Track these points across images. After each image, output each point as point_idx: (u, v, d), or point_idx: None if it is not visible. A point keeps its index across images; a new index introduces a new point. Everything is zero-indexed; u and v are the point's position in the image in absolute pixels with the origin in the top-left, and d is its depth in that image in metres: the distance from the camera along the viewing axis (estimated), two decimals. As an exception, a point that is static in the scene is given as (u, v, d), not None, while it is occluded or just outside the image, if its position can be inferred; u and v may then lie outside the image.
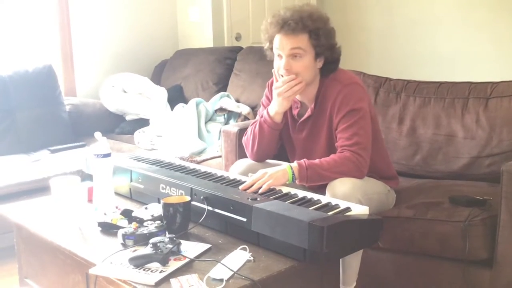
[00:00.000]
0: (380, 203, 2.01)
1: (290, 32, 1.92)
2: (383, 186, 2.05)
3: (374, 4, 4.64)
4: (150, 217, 1.74)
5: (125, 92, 3.73)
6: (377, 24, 4.58)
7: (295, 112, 2.09)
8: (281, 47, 1.95)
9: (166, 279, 1.39)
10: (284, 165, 1.89)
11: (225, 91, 3.61)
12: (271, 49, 2.03)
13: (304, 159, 1.90)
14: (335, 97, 1.96)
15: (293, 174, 1.85)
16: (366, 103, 1.98)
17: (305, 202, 1.67)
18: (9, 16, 3.59)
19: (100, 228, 1.77)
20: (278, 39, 1.96)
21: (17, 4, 3.60)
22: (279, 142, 2.15)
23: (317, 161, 1.89)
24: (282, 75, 1.98)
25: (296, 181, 1.87)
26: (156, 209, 1.80)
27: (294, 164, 1.87)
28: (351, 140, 1.90)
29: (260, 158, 2.12)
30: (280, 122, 2.05)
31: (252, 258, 1.51)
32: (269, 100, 2.15)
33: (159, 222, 1.68)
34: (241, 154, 2.40)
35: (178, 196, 1.79)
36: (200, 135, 3.27)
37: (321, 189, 1.91)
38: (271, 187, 1.80)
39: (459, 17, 4.16)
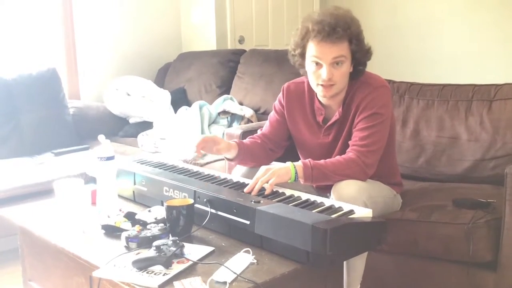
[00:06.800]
0: (386, 207, 2.00)
1: (336, 40, 1.85)
2: (389, 190, 2.04)
3: (377, 5, 4.64)
4: (154, 220, 1.74)
5: (128, 95, 3.73)
6: (380, 24, 4.57)
7: (319, 119, 2.04)
8: (322, 55, 1.87)
9: (169, 282, 1.39)
10: (287, 163, 1.86)
11: (228, 94, 3.61)
12: (301, 55, 1.95)
13: (309, 159, 1.89)
14: (362, 98, 1.93)
15: (296, 173, 1.83)
16: (390, 109, 1.97)
17: (308, 205, 1.67)
18: (13, 19, 3.60)
19: (103, 231, 1.77)
20: (318, 46, 1.87)
21: (21, 7, 3.62)
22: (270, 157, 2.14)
23: (322, 161, 1.88)
24: (321, 84, 1.92)
25: (301, 181, 1.86)
26: (159, 212, 1.80)
27: (299, 163, 1.85)
28: (364, 141, 1.89)
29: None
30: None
31: (255, 261, 1.50)
32: (282, 106, 2.13)
33: (162, 225, 1.68)
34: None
35: (181, 199, 1.78)
36: (203, 138, 3.27)
37: (328, 189, 1.90)
38: (274, 190, 1.80)
39: (462, 18, 4.15)
